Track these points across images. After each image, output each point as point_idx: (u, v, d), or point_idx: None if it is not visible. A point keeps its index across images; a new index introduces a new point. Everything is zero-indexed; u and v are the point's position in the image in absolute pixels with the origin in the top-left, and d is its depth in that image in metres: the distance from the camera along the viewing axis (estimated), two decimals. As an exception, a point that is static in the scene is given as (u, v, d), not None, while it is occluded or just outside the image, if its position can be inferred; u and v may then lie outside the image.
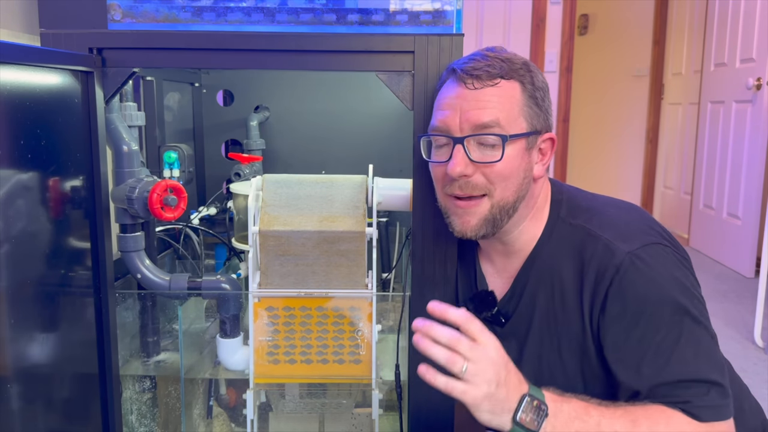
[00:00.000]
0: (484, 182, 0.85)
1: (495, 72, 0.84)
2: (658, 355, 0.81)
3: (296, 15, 0.93)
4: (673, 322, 0.81)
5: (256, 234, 0.97)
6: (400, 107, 0.99)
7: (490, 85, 0.84)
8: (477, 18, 3.55)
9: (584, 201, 0.93)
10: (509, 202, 0.86)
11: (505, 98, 0.84)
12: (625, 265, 0.82)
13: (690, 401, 0.79)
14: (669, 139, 4.39)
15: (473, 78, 0.84)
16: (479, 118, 0.83)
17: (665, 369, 0.81)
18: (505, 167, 0.84)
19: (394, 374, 1.00)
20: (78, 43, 0.92)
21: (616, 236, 0.85)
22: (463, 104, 0.84)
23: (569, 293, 0.87)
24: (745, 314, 2.65)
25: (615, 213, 0.90)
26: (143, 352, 1.12)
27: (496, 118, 0.83)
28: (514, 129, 0.85)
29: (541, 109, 0.87)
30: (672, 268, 0.84)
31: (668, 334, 0.81)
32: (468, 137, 0.84)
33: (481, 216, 0.87)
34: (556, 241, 0.90)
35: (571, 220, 0.90)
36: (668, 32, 4.40)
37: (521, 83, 0.85)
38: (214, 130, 1.61)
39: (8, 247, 0.71)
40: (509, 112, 0.84)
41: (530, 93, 0.86)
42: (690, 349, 0.81)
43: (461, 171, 0.84)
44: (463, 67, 0.85)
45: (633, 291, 0.82)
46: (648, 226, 0.88)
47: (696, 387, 0.80)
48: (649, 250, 0.84)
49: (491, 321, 0.96)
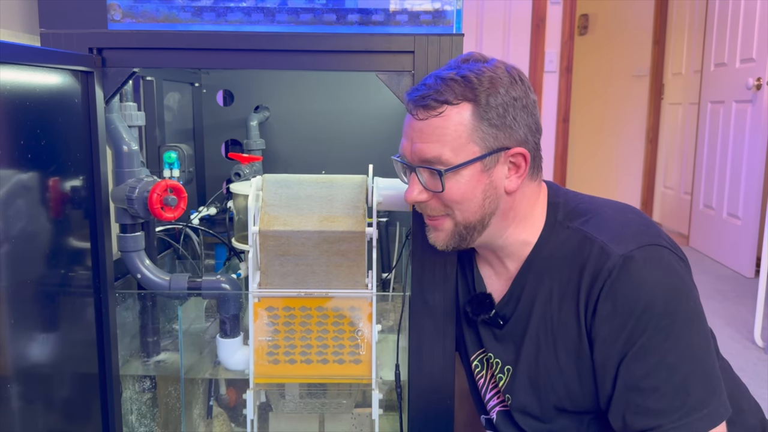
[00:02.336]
0: (441, 206, 0.88)
1: (441, 99, 0.83)
2: (639, 359, 0.81)
3: (296, 15, 0.93)
4: (661, 326, 0.80)
5: (256, 234, 0.97)
6: (400, 107, 0.99)
7: (434, 116, 0.84)
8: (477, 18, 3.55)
9: (581, 204, 0.93)
10: (472, 221, 0.88)
11: (450, 128, 0.83)
12: (617, 267, 0.82)
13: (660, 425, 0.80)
14: (669, 139, 4.39)
15: (419, 108, 0.85)
16: (423, 153, 0.85)
17: (645, 377, 0.81)
18: (454, 194, 0.86)
19: (394, 374, 1.00)
20: (78, 43, 0.92)
21: (611, 239, 0.85)
22: (413, 134, 0.87)
23: (566, 296, 0.87)
24: (745, 314, 2.65)
25: (611, 215, 0.90)
26: (143, 352, 1.12)
27: (438, 154, 0.84)
28: (461, 157, 0.84)
29: (498, 128, 0.84)
30: (665, 270, 0.83)
31: (654, 337, 0.81)
32: (417, 167, 0.87)
33: (447, 232, 0.90)
34: (554, 244, 0.90)
35: (568, 223, 0.90)
36: (668, 32, 4.40)
37: (474, 103, 0.83)
38: (214, 130, 1.61)
39: (8, 247, 0.71)
40: (453, 143, 0.84)
41: (481, 115, 0.83)
42: (674, 356, 0.80)
43: (413, 198, 0.88)
44: (413, 97, 0.86)
45: (623, 293, 0.82)
46: (645, 227, 0.88)
47: (671, 398, 0.80)
48: (643, 251, 0.83)
49: (489, 323, 0.96)
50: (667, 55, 4.43)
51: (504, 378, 0.95)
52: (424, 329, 0.99)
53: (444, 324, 0.99)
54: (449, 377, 1.00)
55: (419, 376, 1.00)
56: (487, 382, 1.00)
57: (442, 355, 0.99)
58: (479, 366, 1.01)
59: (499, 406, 0.99)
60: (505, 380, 0.95)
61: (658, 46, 4.44)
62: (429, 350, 0.99)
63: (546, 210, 0.93)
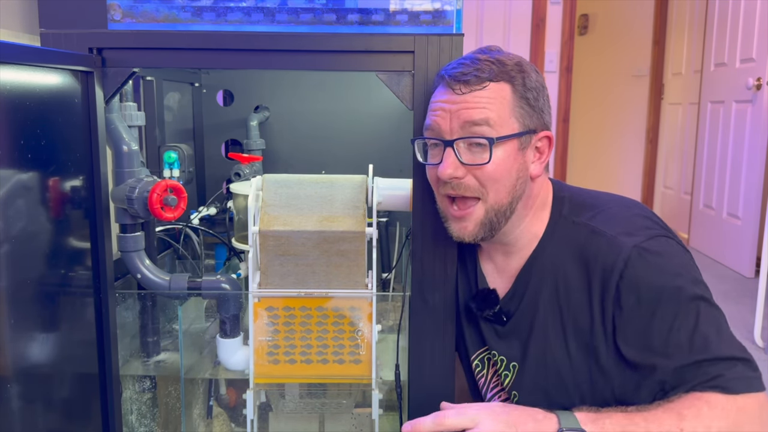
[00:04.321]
0: (476, 185, 0.86)
1: (484, 76, 0.84)
2: (679, 340, 0.81)
3: (296, 15, 0.93)
4: (690, 308, 0.81)
5: (256, 234, 0.97)
6: (400, 107, 0.99)
7: (478, 89, 0.84)
8: (477, 18, 3.55)
9: (587, 199, 0.94)
10: (503, 203, 0.87)
11: (495, 99, 0.84)
12: (633, 257, 0.83)
13: (720, 375, 0.79)
14: (669, 139, 4.39)
15: (461, 83, 0.85)
16: (469, 116, 0.84)
17: (689, 351, 0.80)
18: (495, 169, 0.85)
19: (394, 374, 1.00)
20: (78, 43, 0.92)
21: (620, 232, 0.86)
22: (452, 107, 0.85)
23: (575, 291, 0.87)
24: (745, 314, 2.65)
25: (617, 210, 0.91)
26: (143, 352, 1.11)
27: (486, 117, 0.84)
28: (505, 130, 0.85)
29: (534, 109, 0.87)
30: (679, 257, 0.85)
31: (686, 318, 0.81)
32: (458, 140, 0.85)
33: (477, 221, 0.88)
34: (559, 239, 0.90)
35: (574, 218, 0.91)
36: (668, 32, 4.40)
37: (512, 84, 0.86)
38: (214, 130, 1.61)
39: (8, 247, 0.71)
40: (499, 112, 0.84)
41: (521, 93, 0.86)
42: (710, 329, 0.81)
43: (451, 173, 0.85)
44: (452, 73, 0.85)
45: (646, 281, 0.82)
46: (651, 220, 0.89)
47: (722, 363, 0.80)
48: (655, 242, 0.84)
49: (493, 320, 0.96)
50: (667, 55, 4.43)
51: (510, 375, 0.95)
52: (424, 329, 0.99)
53: (444, 324, 0.99)
54: (449, 377, 1.00)
55: (419, 376, 1.00)
56: (488, 382, 1.00)
57: (442, 355, 0.99)
58: (480, 365, 1.01)
59: None
60: (511, 377, 0.95)
61: (658, 46, 4.44)
62: (429, 350, 0.99)
63: (551, 205, 0.93)
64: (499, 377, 0.98)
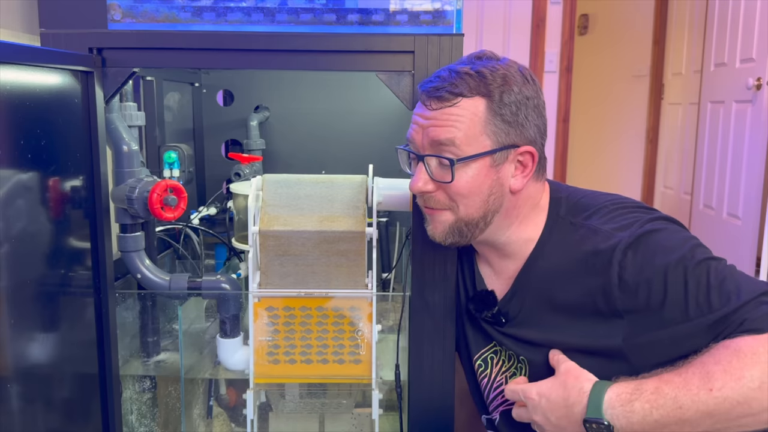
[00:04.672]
0: (446, 199, 0.87)
1: (456, 91, 0.84)
2: (698, 304, 0.81)
3: (296, 15, 0.93)
4: (697, 272, 0.81)
5: (256, 234, 0.97)
6: (400, 107, 0.99)
7: (448, 105, 0.84)
8: (477, 18, 3.55)
9: (583, 198, 0.94)
10: (474, 217, 0.88)
11: (465, 117, 0.84)
12: (631, 244, 0.83)
13: (746, 319, 0.78)
14: (669, 139, 4.39)
15: (432, 99, 0.85)
16: (436, 136, 0.85)
17: (710, 311, 0.80)
18: (462, 187, 0.85)
19: (394, 374, 1.00)
20: (78, 43, 0.92)
21: (616, 228, 0.86)
22: (424, 123, 0.86)
23: (575, 290, 0.87)
24: (745, 314, 2.65)
25: (613, 207, 0.91)
26: (143, 352, 1.11)
27: (452, 137, 0.84)
28: (472, 149, 0.84)
29: (511, 125, 0.85)
30: (675, 233, 0.86)
31: (698, 283, 0.81)
32: (427, 156, 0.86)
33: (446, 225, 0.89)
34: (557, 239, 0.90)
35: (571, 218, 0.91)
36: (668, 32, 4.40)
37: (488, 99, 0.84)
38: (214, 130, 1.61)
39: (8, 247, 0.71)
40: (467, 131, 0.84)
41: (496, 110, 0.84)
42: (724, 283, 0.81)
43: (420, 188, 0.87)
44: (426, 88, 0.86)
45: (649, 262, 0.83)
46: (646, 210, 0.90)
47: (745, 308, 0.79)
48: (650, 224, 0.86)
49: (492, 321, 0.96)
50: (667, 55, 4.43)
51: (523, 368, 0.96)
52: (424, 329, 0.99)
53: (444, 324, 0.99)
54: (449, 377, 1.00)
55: (419, 376, 1.00)
56: (491, 381, 1.00)
57: (442, 355, 0.99)
58: (483, 365, 1.01)
59: (503, 406, 0.98)
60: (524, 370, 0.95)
61: (658, 46, 4.44)
62: (429, 350, 0.99)
63: (548, 206, 0.93)
64: (503, 376, 0.98)
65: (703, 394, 0.75)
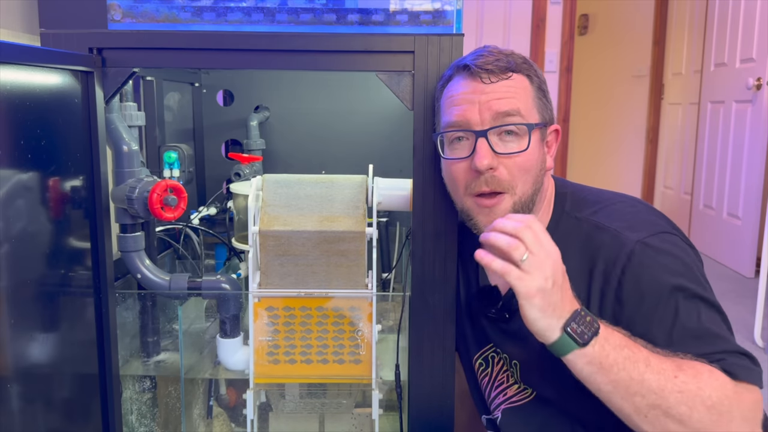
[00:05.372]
0: (507, 177, 0.85)
1: (511, 66, 0.85)
2: (683, 334, 0.81)
3: (296, 15, 0.93)
4: (692, 306, 0.81)
5: (256, 234, 0.97)
6: (400, 107, 0.99)
7: (504, 78, 0.84)
8: (477, 18, 3.55)
9: (589, 195, 0.94)
10: (529, 195, 0.86)
11: (521, 89, 0.85)
12: (636, 252, 0.83)
13: (724, 359, 0.79)
14: (669, 139, 4.39)
15: (488, 72, 0.84)
16: (501, 107, 0.83)
17: (694, 343, 0.80)
18: (527, 159, 0.85)
19: (394, 374, 1.00)
20: (78, 43, 0.92)
21: (623, 227, 0.86)
22: (481, 97, 0.84)
23: (577, 285, 0.87)
24: (745, 314, 2.65)
25: (621, 206, 0.91)
26: (143, 352, 1.11)
27: (517, 107, 0.84)
28: (533, 119, 0.86)
29: (548, 101, 0.89)
30: (682, 254, 0.85)
31: (689, 315, 0.81)
32: (491, 129, 0.83)
33: (505, 212, 0.86)
34: (562, 234, 0.90)
35: (577, 213, 0.91)
36: (668, 32, 4.40)
37: (528, 76, 0.86)
38: (214, 130, 1.61)
39: (8, 247, 0.71)
40: (525, 103, 0.85)
41: (538, 85, 0.87)
42: (713, 325, 0.81)
43: (489, 163, 0.83)
44: (476, 62, 0.85)
45: (648, 277, 0.82)
46: (655, 216, 0.90)
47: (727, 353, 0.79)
48: (658, 238, 0.84)
49: (496, 317, 0.96)
50: (667, 55, 4.43)
51: (515, 372, 0.95)
52: (424, 329, 0.99)
53: (444, 324, 0.99)
54: (449, 377, 1.00)
55: (419, 376, 1.00)
56: (492, 380, 1.00)
57: (442, 355, 0.99)
58: (484, 364, 1.01)
59: (505, 404, 0.98)
60: (516, 373, 0.95)
61: (658, 46, 4.44)
62: (429, 350, 0.99)
63: (554, 201, 0.93)
64: (505, 375, 0.98)
65: (668, 373, 0.75)
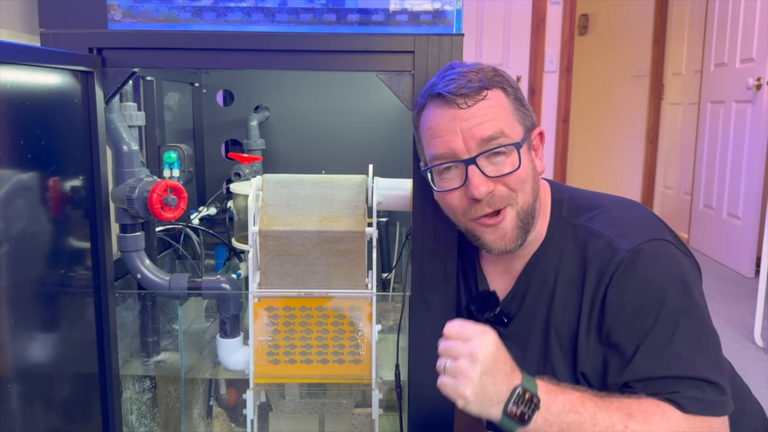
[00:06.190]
0: (507, 192, 0.84)
1: (480, 85, 0.83)
2: (653, 349, 0.81)
3: (296, 15, 0.93)
4: (669, 320, 0.81)
5: (256, 234, 0.97)
6: (400, 107, 0.99)
7: (480, 99, 0.83)
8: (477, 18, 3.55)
9: (586, 200, 0.93)
10: (530, 203, 0.87)
11: (499, 107, 0.84)
12: (625, 262, 0.82)
13: (677, 392, 0.79)
14: (669, 139, 4.39)
15: (463, 97, 0.82)
16: (485, 132, 0.82)
17: (659, 363, 0.80)
18: (522, 171, 0.84)
19: (394, 374, 1.00)
20: (78, 43, 0.92)
21: (618, 234, 0.85)
22: (462, 125, 0.83)
23: (571, 293, 0.87)
24: (745, 314, 2.65)
25: (617, 211, 0.90)
26: (143, 352, 1.12)
27: (500, 128, 0.83)
28: (516, 134, 0.85)
29: (526, 108, 0.87)
30: (672, 264, 0.84)
31: (664, 330, 0.81)
32: (479, 155, 0.83)
33: (512, 226, 0.86)
34: (559, 240, 0.90)
35: (574, 219, 0.90)
36: (668, 32, 4.40)
37: (503, 89, 0.85)
38: (214, 130, 1.61)
39: (8, 247, 0.71)
40: (506, 119, 0.84)
41: (514, 96, 0.86)
42: (686, 345, 0.80)
43: (486, 190, 0.83)
44: (449, 89, 0.83)
45: (632, 287, 0.82)
46: (650, 222, 0.89)
47: (685, 382, 0.79)
48: (650, 246, 0.83)
49: (494, 321, 0.96)
50: (667, 55, 4.43)
51: None
52: (424, 329, 0.99)
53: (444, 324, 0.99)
54: (449, 377, 1.00)
55: (419, 376, 1.00)
56: None
57: (442, 355, 0.99)
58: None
59: None
60: None
61: (658, 46, 4.44)
62: (429, 350, 0.99)
63: (550, 206, 0.93)
64: None
65: (618, 426, 0.76)
